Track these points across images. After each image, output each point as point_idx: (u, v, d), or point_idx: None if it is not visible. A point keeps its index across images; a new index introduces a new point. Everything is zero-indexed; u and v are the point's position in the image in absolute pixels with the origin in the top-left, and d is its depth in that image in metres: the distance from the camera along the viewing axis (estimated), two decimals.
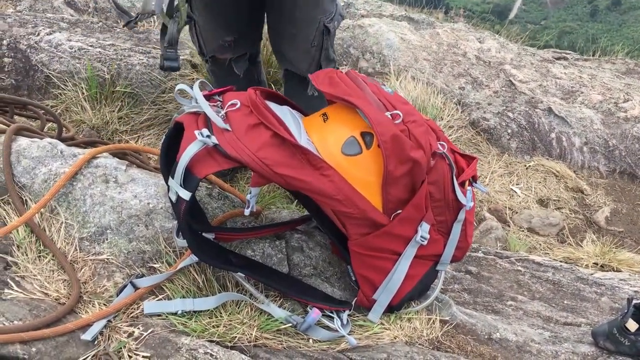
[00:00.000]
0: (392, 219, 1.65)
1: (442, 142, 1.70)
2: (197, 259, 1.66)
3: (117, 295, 1.60)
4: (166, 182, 1.59)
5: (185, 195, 1.49)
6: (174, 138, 1.63)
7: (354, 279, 1.78)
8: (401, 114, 1.60)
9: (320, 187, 1.55)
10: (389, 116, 1.59)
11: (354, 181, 1.58)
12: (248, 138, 1.52)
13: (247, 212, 1.70)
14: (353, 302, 1.76)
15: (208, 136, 1.49)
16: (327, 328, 1.68)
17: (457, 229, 1.76)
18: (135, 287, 1.62)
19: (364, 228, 1.66)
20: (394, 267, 1.71)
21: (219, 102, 1.65)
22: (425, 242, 1.69)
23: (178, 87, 1.64)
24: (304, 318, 1.65)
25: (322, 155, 1.59)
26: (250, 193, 1.73)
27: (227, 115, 1.58)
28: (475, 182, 1.81)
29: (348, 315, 1.72)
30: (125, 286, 1.61)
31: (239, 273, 1.68)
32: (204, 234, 1.76)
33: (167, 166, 1.62)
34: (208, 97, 1.65)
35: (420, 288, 1.79)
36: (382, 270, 1.71)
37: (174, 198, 1.52)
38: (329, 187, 1.55)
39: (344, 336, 1.66)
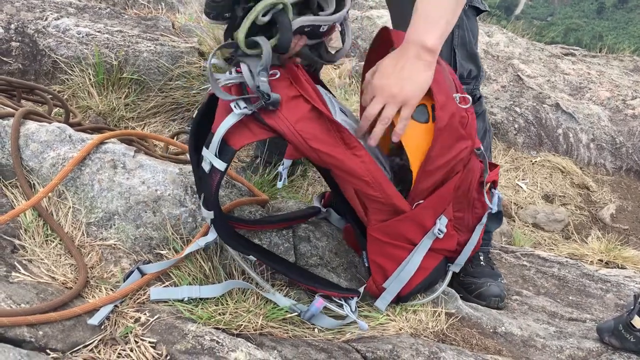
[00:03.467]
0: (413, 208, 1.65)
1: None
2: (203, 244, 1.66)
3: (124, 281, 1.60)
4: (192, 157, 1.58)
5: (221, 166, 1.48)
6: (205, 115, 1.61)
7: (366, 265, 1.78)
8: (470, 99, 1.60)
9: (351, 166, 1.54)
10: (457, 98, 1.59)
11: (413, 148, 1.58)
12: (287, 109, 1.50)
13: (279, 184, 1.69)
14: (361, 289, 1.76)
15: (245, 107, 1.47)
16: (334, 317, 1.68)
17: (478, 230, 1.77)
18: (142, 273, 1.61)
19: (385, 214, 1.66)
20: (408, 257, 1.71)
21: None
22: (442, 236, 1.70)
23: (211, 61, 1.58)
24: (308, 307, 1.65)
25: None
26: (282, 164, 1.71)
27: (271, 84, 1.53)
28: (495, 188, 1.82)
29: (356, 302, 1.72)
30: (132, 272, 1.60)
31: (250, 256, 1.68)
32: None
33: (196, 140, 1.61)
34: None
35: (429, 281, 1.79)
36: (396, 259, 1.71)
37: (207, 168, 1.50)
38: (359, 167, 1.54)
39: (351, 323, 1.66)
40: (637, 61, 5.14)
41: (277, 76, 1.55)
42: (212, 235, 1.67)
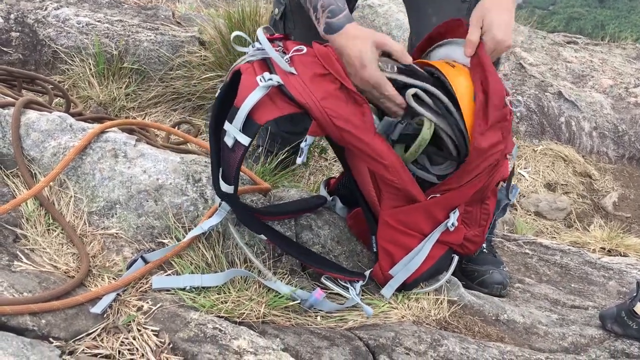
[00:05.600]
0: (428, 199, 1.66)
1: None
2: (206, 227, 1.66)
3: (127, 269, 1.60)
4: (212, 134, 1.59)
5: (245, 140, 1.48)
6: (227, 93, 1.59)
7: (375, 250, 1.78)
8: (522, 101, 1.61)
9: (373, 148, 1.54)
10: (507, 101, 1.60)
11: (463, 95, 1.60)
12: (314, 85, 1.50)
13: (299, 160, 1.70)
14: (367, 273, 1.76)
15: (270, 79, 1.46)
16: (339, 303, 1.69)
17: (494, 223, 1.78)
18: (146, 262, 1.61)
19: (399, 201, 1.67)
20: (418, 246, 1.71)
21: (280, 47, 1.59)
22: (452, 229, 1.71)
23: (235, 34, 1.60)
24: (309, 295, 1.65)
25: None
26: (305, 141, 1.72)
27: (292, 59, 1.54)
28: (504, 182, 1.82)
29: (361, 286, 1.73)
30: (135, 260, 1.60)
31: (261, 235, 1.69)
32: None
33: (218, 117, 1.61)
34: (270, 41, 1.60)
35: (434, 269, 1.79)
36: (405, 247, 1.72)
37: (230, 143, 1.50)
38: (380, 149, 1.55)
39: (354, 309, 1.67)
40: (639, 49, 5.12)
41: (304, 52, 1.54)
42: (217, 219, 1.67)
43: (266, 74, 1.48)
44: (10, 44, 3.15)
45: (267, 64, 1.54)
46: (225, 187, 1.60)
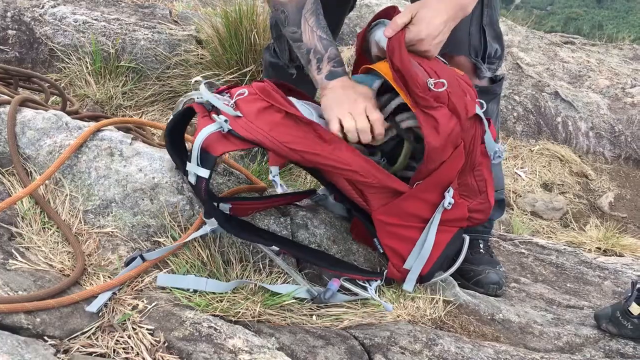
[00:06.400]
0: (413, 187, 1.67)
1: (480, 100, 1.70)
2: (209, 230, 1.67)
3: (125, 267, 1.59)
4: (177, 165, 1.69)
5: (204, 173, 1.53)
6: (180, 123, 1.74)
7: (381, 251, 1.79)
8: (445, 83, 1.59)
9: (335, 159, 1.58)
10: (431, 84, 1.59)
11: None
12: (260, 120, 1.57)
13: (279, 190, 1.72)
14: (384, 274, 1.77)
15: (226, 121, 1.54)
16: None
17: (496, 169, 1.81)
18: (144, 260, 1.61)
19: (385, 198, 1.68)
20: (422, 233, 1.72)
21: (226, 96, 1.68)
22: (450, 207, 1.71)
23: (195, 80, 1.72)
24: (325, 288, 1.69)
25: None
26: (271, 173, 1.74)
27: (237, 103, 1.62)
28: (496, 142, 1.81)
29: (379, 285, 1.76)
30: (133, 258, 1.60)
31: (273, 247, 1.70)
32: (221, 204, 1.77)
33: (175, 151, 1.74)
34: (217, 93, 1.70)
35: (445, 255, 1.76)
36: (408, 240, 1.73)
37: (193, 180, 1.56)
38: (343, 158, 1.59)
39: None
40: (636, 50, 5.13)
41: (245, 94, 1.63)
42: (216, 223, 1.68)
43: (222, 116, 1.56)
44: (6, 42, 3.15)
45: (216, 108, 1.62)
46: (210, 223, 1.66)
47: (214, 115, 1.56)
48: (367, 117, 1.62)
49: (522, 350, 1.69)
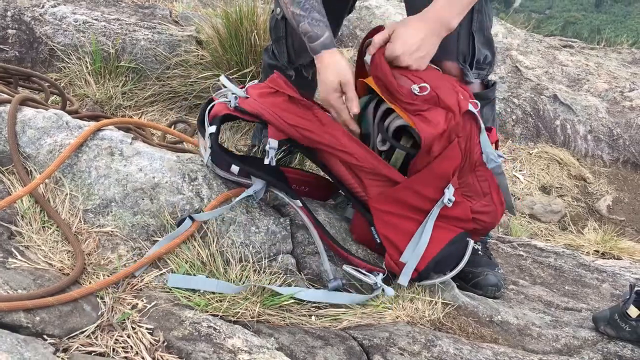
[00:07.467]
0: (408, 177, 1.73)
1: (474, 101, 1.72)
2: (252, 192, 1.80)
3: (177, 227, 1.69)
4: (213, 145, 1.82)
5: (212, 129, 1.75)
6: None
7: (378, 241, 1.81)
8: (428, 86, 1.67)
9: (331, 138, 1.74)
10: (416, 89, 1.67)
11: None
12: (264, 99, 1.78)
13: (267, 160, 1.77)
14: (384, 265, 1.79)
15: (235, 98, 1.77)
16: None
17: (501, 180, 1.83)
18: (193, 220, 1.70)
19: (383, 186, 1.75)
20: (420, 227, 1.74)
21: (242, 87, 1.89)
22: (451, 205, 1.73)
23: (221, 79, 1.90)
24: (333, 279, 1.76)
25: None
26: (269, 144, 1.79)
27: (247, 90, 1.84)
28: (496, 149, 1.82)
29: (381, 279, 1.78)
30: (184, 219, 1.69)
31: (297, 202, 1.82)
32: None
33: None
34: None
35: (446, 255, 1.76)
36: (405, 233, 1.75)
37: (209, 143, 1.78)
38: (339, 138, 1.75)
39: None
40: (635, 53, 5.14)
41: (256, 82, 1.91)
42: (259, 184, 1.81)
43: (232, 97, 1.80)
44: (6, 42, 3.14)
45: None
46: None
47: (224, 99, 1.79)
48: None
49: (520, 352, 1.69)
